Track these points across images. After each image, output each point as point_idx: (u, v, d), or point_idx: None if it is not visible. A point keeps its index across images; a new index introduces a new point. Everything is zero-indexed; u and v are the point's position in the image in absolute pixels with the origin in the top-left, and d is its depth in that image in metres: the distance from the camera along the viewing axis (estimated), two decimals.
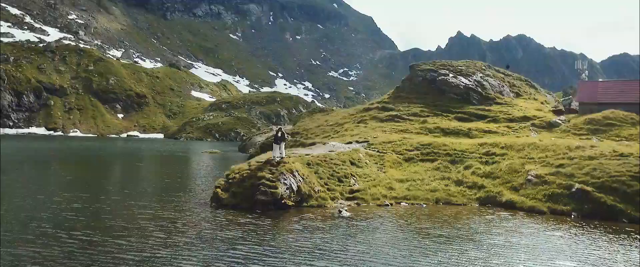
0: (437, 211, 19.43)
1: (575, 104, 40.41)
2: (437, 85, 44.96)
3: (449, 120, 38.80)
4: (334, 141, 34.20)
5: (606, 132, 32.34)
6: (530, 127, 36.30)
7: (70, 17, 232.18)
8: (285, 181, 18.15)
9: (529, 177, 21.19)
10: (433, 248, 13.47)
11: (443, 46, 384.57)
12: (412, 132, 35.77)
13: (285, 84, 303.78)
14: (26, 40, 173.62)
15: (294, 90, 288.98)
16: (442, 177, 23.58)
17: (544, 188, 20.07)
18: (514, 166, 23.08)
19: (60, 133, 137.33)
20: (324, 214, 17.54)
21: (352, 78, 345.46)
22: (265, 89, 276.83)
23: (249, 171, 19.08)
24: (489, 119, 38.73)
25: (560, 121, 36.05)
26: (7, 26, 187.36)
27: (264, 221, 15.87)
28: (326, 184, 20.65)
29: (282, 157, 19.82)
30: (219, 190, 18.59)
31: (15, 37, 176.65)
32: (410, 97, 44.94)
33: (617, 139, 30.95)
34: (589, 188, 18.79)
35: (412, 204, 20.48)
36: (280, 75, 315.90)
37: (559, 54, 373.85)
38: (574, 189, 19.04)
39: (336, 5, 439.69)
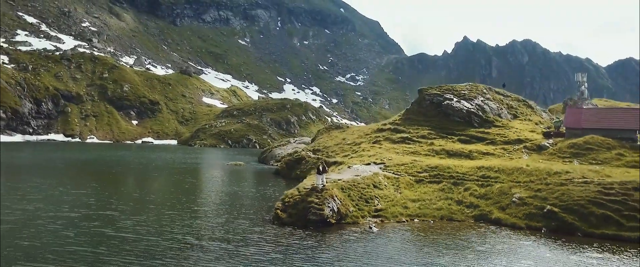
0: (442, 226, 25.65)
1: (564, 128, 46.37)
2: (443, 109, 51.09)
3: (453, 142, 44.94)
4: (355, 162, 40.49)
5: (585, 155, 38.31)
6: (523, 150, 42.33)
7: (83, 24, 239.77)
8: (329, 205, 24.45)
9: (514, 199, 27.35)
10: (443, 253, 19.95)
11: (449, 51, 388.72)
12: (421, 154, 41.97)
13: (293, 89, 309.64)
14: (43, 49, 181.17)
15: (302, 96, 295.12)
16: (446, 198, 29.79)
17: (524, 208, 26.24)
18: (504, 189, 29.24)
19: (78, 139, 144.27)
20: (359, 229, 23.83)
21: (359, 83, 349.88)
22: (274, 94, 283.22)
23: (300, 196, 25.40)
24: (487, 141, 44.79)
25: (548, 145, 42.05)
26: (25, 35, 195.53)
27: (322, 235, 22.23)
28: (357, 205, 26.94)
29: (324, 185, 26.09)
30: (278, 211, 24.95)
31: (32, 45, 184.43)
32: (419, 120, 51.13)
33: (594, 162, 36.97)
34: (556, 209, 24.94)
35: (422, 220, 26.71)
36: (288, 80, 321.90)
37: (564, 58, 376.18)
38: (545, 210, 25.19)
39: (343, 10, 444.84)
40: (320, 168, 26.61)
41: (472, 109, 49.94)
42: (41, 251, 17.53)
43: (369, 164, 38.44)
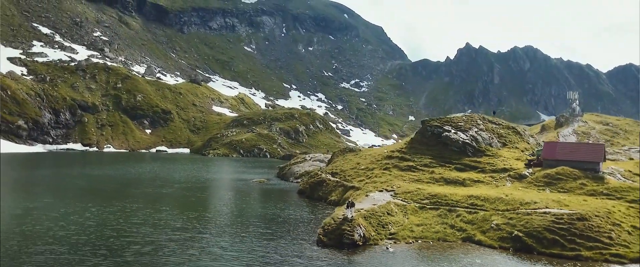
0: (439, 245, 35.25)
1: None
2: (442, 139, 60.67)
3: (450, 170, 54.53)
4: (370, 188, 50.18)
5: (556, 184, 47.89)
6: (507, 178, 51.90)
7: (95, 34, 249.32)
8: (358, 231, 34.13)
9: (492, 225, 36.92)
10: (440, 265, 29.54)
11: (449, 54, 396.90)
12: (423, 181, 51.61)
13: (299, 96, 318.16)
14: (59, 60, 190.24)
15: (307, 102, 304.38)
16: (442, 223, 39.37)
17: (498, 233, 35.79)
18: (486, 216, 38.79)
19: (95, 149, 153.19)
20: (379, 249, 33.44)
21: (363, 89, 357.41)
22: (281, 101, 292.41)
23: (335, 225, 35.06)
24: (478, 169, 54.37)
25: (528, 174, 51.56)
26: (40, 46, 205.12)
27: (355, 254, 31.80)
28: (376, 230, 36.58)
29: (352, 216, 35.71)
30: (321, 236, 34.63)
31: (48, 56, 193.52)
32: (422, 149, 60.72)
33: (562, 190, 46.58)
34: (521, 234, 34.53)
35: (424, 241, 36.31)
36: (293, 87, 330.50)
37: (565, 64, 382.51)
38: (513, 235, 34.79)
39: (347, 16, 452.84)
40: (349, 204, 36.39)
41: (466, 140, 59.49)
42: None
43: (382, 190, 48.10)
